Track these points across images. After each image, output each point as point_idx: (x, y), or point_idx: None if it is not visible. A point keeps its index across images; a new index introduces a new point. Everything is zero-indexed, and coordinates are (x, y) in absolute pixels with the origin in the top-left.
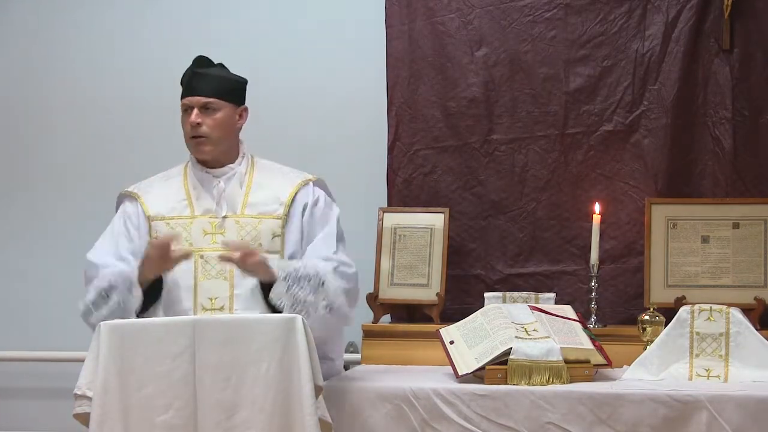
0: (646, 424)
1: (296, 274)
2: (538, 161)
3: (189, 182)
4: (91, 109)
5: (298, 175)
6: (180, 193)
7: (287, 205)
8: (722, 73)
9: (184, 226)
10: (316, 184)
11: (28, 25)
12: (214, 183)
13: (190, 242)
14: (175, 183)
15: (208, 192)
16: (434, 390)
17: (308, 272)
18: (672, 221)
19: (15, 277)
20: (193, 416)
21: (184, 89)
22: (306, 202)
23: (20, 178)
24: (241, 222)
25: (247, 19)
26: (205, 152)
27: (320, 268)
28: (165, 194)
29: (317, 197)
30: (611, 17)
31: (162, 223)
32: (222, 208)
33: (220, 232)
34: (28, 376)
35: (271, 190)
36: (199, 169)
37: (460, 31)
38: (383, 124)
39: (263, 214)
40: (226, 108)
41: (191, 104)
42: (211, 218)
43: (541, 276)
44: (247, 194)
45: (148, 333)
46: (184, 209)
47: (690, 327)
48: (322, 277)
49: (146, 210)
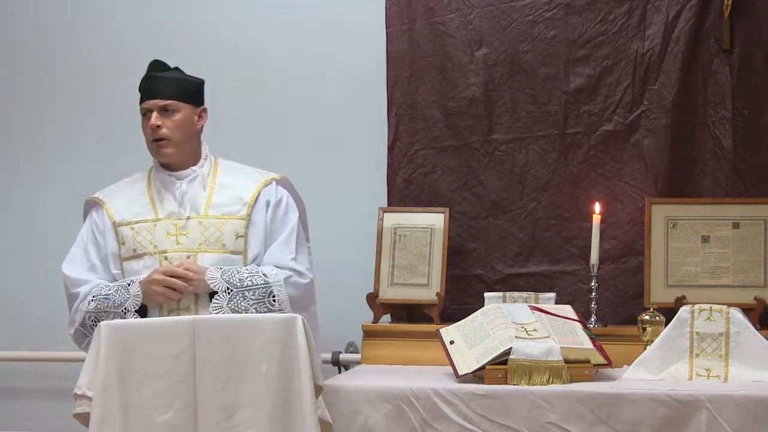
0: (646, 424)
1: (241, 284)
2: (538, 161)
3: (153, 186)
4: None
5: (262, 175)
6: (143, 198)
7: (250, 206)
8: (722, 73)
9: (148, 229)
10: (280, 183)
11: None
12: (176, 185)
13: (155, 245)
14: (138, 188)
15: (171, 194)
16: (434, 390)
17: (255, 282)
18: (672, 221)
19: (16, 276)
20: (193, 416)
21: (142, 94)
22: (268, 201)
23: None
24: (204, 223)
25: (246, 19)
26: (167, 155)
27: (270, 277)
28: (128, 199)
29: (280, 197)
30: (611, 17)
31: (127, 228)
32: (185, 209)
33: (183, 233)
34: (28, 376)
35: (234, 190)
36: (161, 172)
37: (460, 31)
38: (383, 124)
39: (226, 214)
40: (185, 109)
41: (150, 108)
42: (175, 220)
43: (541, 276)
44: (210, 195)
45: (148, 333)
46: (147, 213)
47: (690, 327)
48: (270, 286)
49: (111, 216)
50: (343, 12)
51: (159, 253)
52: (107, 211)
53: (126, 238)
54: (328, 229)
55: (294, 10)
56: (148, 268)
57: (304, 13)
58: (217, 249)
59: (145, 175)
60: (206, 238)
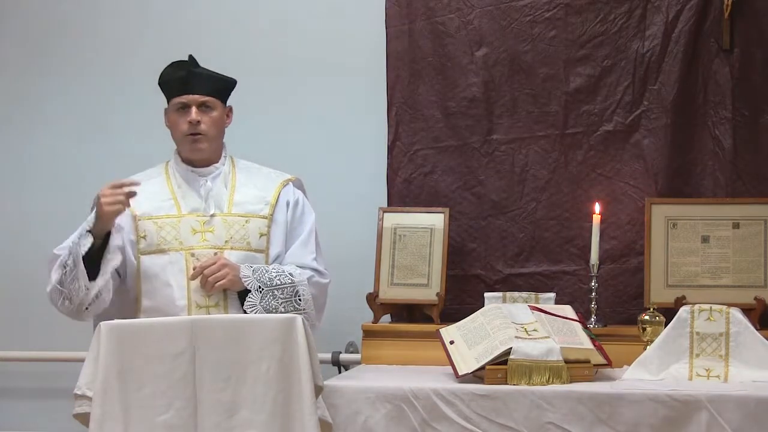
0: (646, 424)
1: (271, 283)
2: (538, 161)
3: (173, 181)
4: None
5: (279, 175)
6: (164, 192)
7: (272, 205)
8: (722, 73)
9: (172, 224)
10: (295, 185)
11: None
12: (200, 182)
13: (180, 241)
14: (157, 182)
15: (195, 190)
16: (434, 390)
17: (283, 282)
18: (672, 221)
19: (16, 276)
20: (193, 416)
21: (179, 87)
22: (288, 201)
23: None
24: (228, 220)
25: (246, 20)
26: (201, 150)
27: (296, 276)
28: (148, 193)
29: (297, 198)
30: (611, 17)
31: (149, 222)
32: (210, 206)
33: (209, 230)
34: (28, 376)
35: (255, 189)
36: (184, 168)
37: (460, 31)
38: (383, 124)
39: (249, 213)
40: (219, 107)
41: (188, 102)
42: (199, 216)
43: (541, 276)
44: (231, 194)
45: (148, 333)
46: (170, 208)
47: (690, 327)
48: (296, 286)
49: (132, 210)
50: (343, 12)
51: (185, 249)
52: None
53: (148, 232)
54: (328, 229)
55: (294, 10)
56: (173, 264)
57: (304, 13)
58: (242, 247)
59: (161, 169)
60: (231, 235)
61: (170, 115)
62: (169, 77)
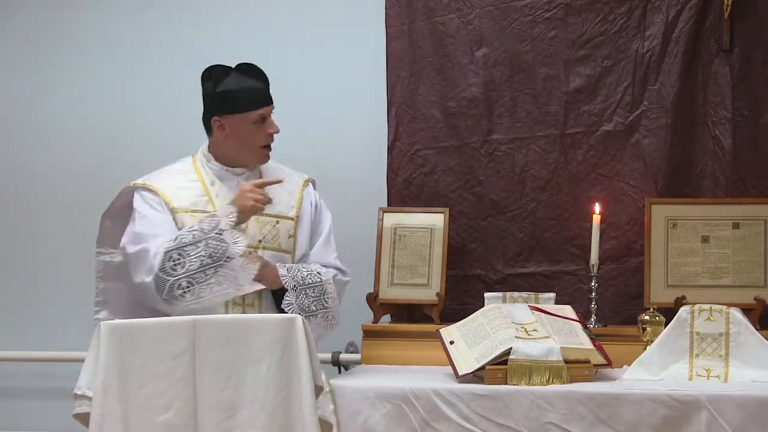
0: (646, 424)
1: (303, 282)
2: (538, 161)
3: (205, 179)
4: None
5: (299, 175)
6: (197, 188)
7: (298, 207)
8: (722, 73)
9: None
10: (313, 185)
11: None
12: (235, 181)
13: None
14: (188, 178)
15: (230, 189)
16: (434, 390)
17: (314, 281)
18: (672, 221)
19: (15, 276)
20: (193, 416)
21: (259, 99)
22: (311, 202)
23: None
24: (261, 220)
25: (246, 20)
26: (269, 157)
27: (323, 276)
28: (181, 188)
29: (316, 198)
30: (611, 17)
31: (187, 216)
32: None
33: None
34: (28, 376)
35: (281, 189)
36: (217, 166)
37: (460, 31)
38: (383, 124)
39: (279, 214)
40: None
41: (265, 114)
42: None
43: (541, 276)
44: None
45: (148, 333)
46: (206, 205)
47: (690, 327)
48: (324, 285)
49: (168, 202)
50: (344, 12)
51: None
52: (163, 197)
53: (185, 226)
54: None
55: (294, 10)
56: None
57: (304, 13)
58: (273, 247)
59: (188, 165)
60: (264, 235)
61: (242, 125)
62: (239, 87)
